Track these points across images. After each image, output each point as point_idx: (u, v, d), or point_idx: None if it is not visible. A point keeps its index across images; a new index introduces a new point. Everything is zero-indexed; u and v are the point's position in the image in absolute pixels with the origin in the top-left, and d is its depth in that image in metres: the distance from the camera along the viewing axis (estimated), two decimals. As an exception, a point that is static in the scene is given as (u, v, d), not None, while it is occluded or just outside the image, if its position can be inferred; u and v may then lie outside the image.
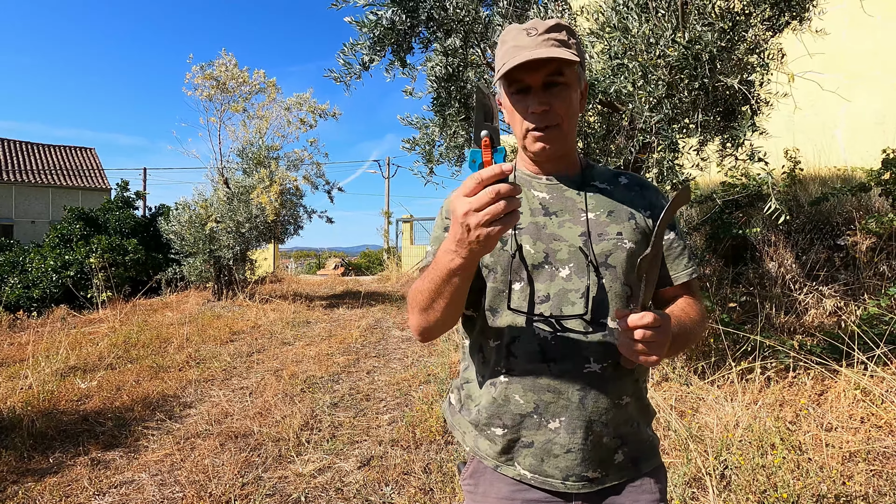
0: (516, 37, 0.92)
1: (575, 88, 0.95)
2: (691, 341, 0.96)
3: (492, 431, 0.99)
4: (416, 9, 3.03)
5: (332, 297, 10.22)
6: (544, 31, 0.91)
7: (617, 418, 0.94)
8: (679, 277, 1.01)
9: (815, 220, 4.98)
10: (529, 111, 0.92)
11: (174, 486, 2.69)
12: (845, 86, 6.05)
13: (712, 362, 3.52)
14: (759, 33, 2.98)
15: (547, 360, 0.92)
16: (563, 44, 0.91)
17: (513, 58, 0.90)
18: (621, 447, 0.96)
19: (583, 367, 0.92)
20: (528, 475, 0.96)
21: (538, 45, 0.90)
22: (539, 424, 0.94)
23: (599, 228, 0.96)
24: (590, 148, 3.72)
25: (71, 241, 10.51)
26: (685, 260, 1.01)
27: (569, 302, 0.93)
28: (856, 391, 2.86)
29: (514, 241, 0.97)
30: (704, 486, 2.26)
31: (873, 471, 2.32)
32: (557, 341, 0.92)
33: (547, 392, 0.93)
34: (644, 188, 1.04)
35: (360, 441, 3.23)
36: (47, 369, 4.71)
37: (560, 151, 0.98)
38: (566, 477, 0.94)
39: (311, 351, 5.63)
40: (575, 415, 0.92)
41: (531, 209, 1.00)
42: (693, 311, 0.98)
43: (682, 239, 1.03)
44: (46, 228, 16.31)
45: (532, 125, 0.93)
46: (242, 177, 9.37)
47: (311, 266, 20.77)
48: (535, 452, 0.95)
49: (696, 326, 0.96)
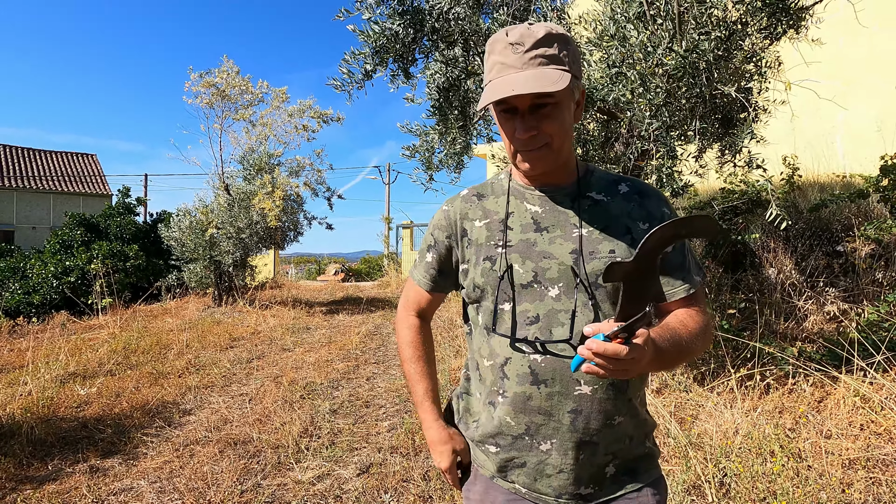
0: (503, 51, 0.87)
1: (567, 104, 0.90)
2: (687, 355, 0.89)
3: (486, 448, 1.00)
4: (421, 21, 3.06)
5: (332, 303, 10.22)
6: (532, 45, 0.85)
7: (609, 437, 0.93)
8: (675, 294, 0.93)
9: (814, 226, 4.99)
10: (516, 136, 0.89)
11: (173, 494, 2.68)
12: (843, 93, 6.08)
13: (712, 369, 3.52)
14: (756, 42, 3.00)
15: (537, 382, 0.91)
16: (553, 59, 0.86)
17: (499, 76, 0.87)
18: (614, 462, 0.95)
19: (573, 390, 0.90)
20: (522, 490, 0.97)
21: (525, 64, 0.85)
22: (531, 446, 0.94)
23: (591, 246, 0.92)
24: (589, 155, 3.75)
25: (72, 246, 10.53)
26: (683, 274, 0.94)
27: (558, 323, 0.91)
28: (855, 398, 2.86)
29: (503, 261, 0.94)
30: (704, 494, 2.26)
31: (873, 478, 2.32)
32: (547, 364, 0.91)
33: (538, 414, 0.92)
34: (644, 197, 0.97)
35: (360, 448, 3.22)
36: (47, 375, 4.71)
37: (551, 167, 0.95)
38: (559, 495, 0.94)
39: (310, 357, 5.62)
40: (566, 436, 0.91)
41: (522, 225, 0.97)
42: (693, 322, 0.90)
43: (683, 253, 0.95)
44: (47, 234, 16.34)
45: (520, 147, 0.91)
46: (243, 183, 9.40)
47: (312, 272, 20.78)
48: (528, 472, 0.95)
49: (695, 340, 0.89)
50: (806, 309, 4.36)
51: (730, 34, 2.79)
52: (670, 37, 2.85)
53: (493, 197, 1.03)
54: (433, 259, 1.08)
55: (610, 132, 3.69)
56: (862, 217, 4.82)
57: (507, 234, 0.97)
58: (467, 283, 1.01)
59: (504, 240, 0.96)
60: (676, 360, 0.87)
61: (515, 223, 0.98)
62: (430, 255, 1.08)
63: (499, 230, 0.98)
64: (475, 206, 1.03)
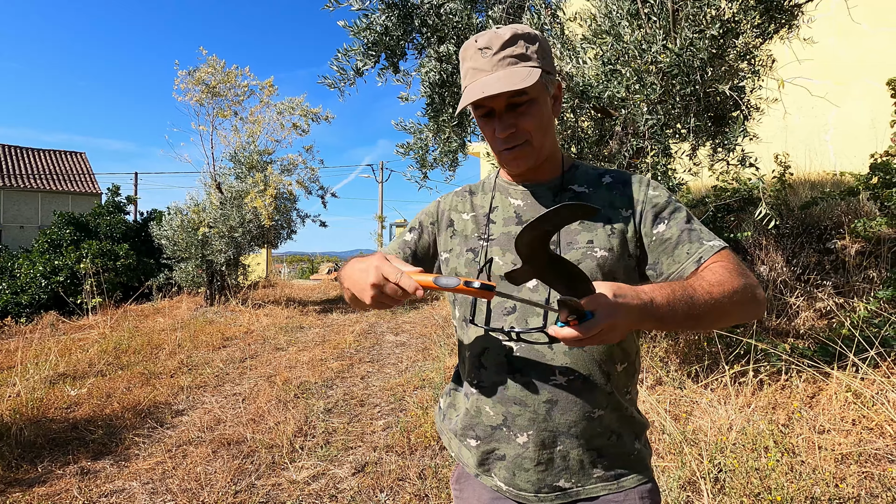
0: (473, 56, 0.90)
1: (543, 99, 0.92)
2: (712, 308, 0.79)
3: (468, 442, 1.00)
4: (409, 15, 3.04)
5: (326, 302, 10.17)
6: (499, 48, 0.87)
7: (589, 431, 0.91)
8: (686, 269, 0.87)
9: (805, 223, 5.03)
10: (496, 135, 0.92)
11: (165, 495, 2.65)
12: (834, 92, 6.14)
13: (706, 366, 3.54)
14: (750, 40, 3.02)
15: (513, 371, 0.92)
16: (521, 58, 0.88)
17: (472, 81, 0.90)
18: (599, 459, 0.93)
19: (548, 380, 0.91)
20: (503, 487, 0.96)
21: (494, 66, 0.88)
22: (509, 438, 0.94)
23: (569, 237, 0.94)
24: (583, 153, 3.75)
25: (60, 246, 10.40)
26: (687, 246, 0.89)
27: (535, 313, 0.92)
28: (847, 393, 2.89)
29: (484, 254, 0.97)
30: (699, 490, 2.27)
31: (865, 473, 2.34)
32: (523, 353, 0.92)
33: (514, 404, 0.93)
34: (626, 185, 0.97)
35: (355, 447, 3.21)
36: (36, 376, 4.64)
37: (535, 163, 0.97)
38: (538, 490, 0.93)
39: (304, 356, 5.59)
40: (542, 427, 0.91)
41: (504, 218, 1.00)
42: (713, 276, 0.82)
43: (682, 226, 0.91)
44: (36, 234, 16.13)
45: (500, 147, 0.93)
46: (235, 182, 9.33)
47: (305, 271, 20.69)
48: (507, 465, 0.95)
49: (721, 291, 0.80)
50: (798, 306, 4.40)
51: (723, 32, 2.80)
52: (664, 34, 2.85)
53: (481, 193, 1.08)
54: (412, 239, 1.11)
55: (604, 130, 3.69)
56: (852, 214, 4.87)
57: (490, 228, 1.00)
58: (448, 272, 1.04)
59: (487, 233, 1.00)
60: (696, 314, 0.78)
61: (498, 217, 1.01)
62: (409, 235, 1.12)
63: (483, 224, 1.02)
64: (465, 201, 1.08)
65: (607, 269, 0.91)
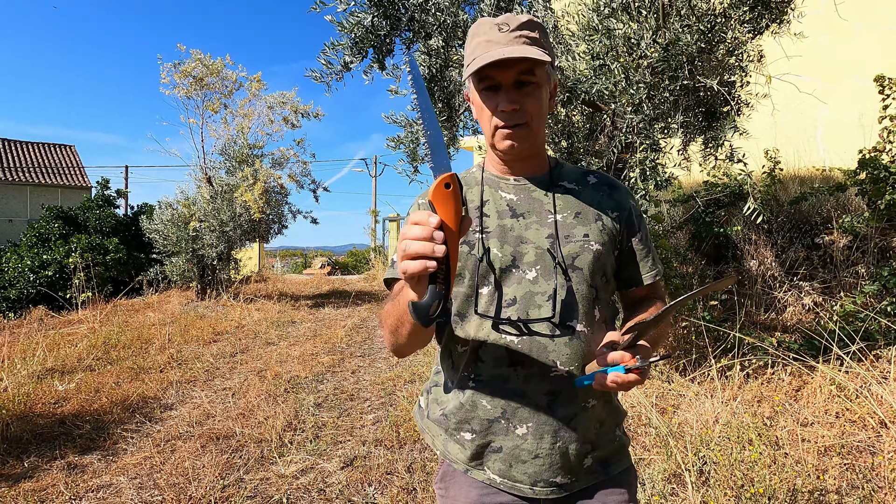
0: (488, 31, 0.90)
1: (545, 88, 0.94)
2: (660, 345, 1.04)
3: (461, 436, 0.99)
4: (396, 14, 3.02)
5: (318, 297, 10.15)
6: (517, 27, 0.89)
7: (584, 422, 0.94)
8: (646, 279, 1.03)
9: (794, 218, 5.07)
10: (499, 109, 0.91)
11: (153, 490, 2.65)
12: (823, 89, 6.18)
13: (693, 359, 3.57)
14: (739, 35, 3.02)
15: (514, 363, 0.92)
16: (536, 42, 0.90)
17: (485, 52, 0.88)
18: (591, 452, 0.96)
19: (549, 371, 0.92)
20: (497, 479, 0.96)
21: (510, 41, 0.88)
22: (507, 430, 0.94)
23: (566, 230, 0.96)
24: (574, 147, 3.74)
25: (49, 240, 10.29)
26: (650, 262, 1.04)
27: (535, 305, 0.92)
28: (831, 387, 2.92)
29: (481, 245, 0.96)
30: (684, 482, 2.29)
31: (847, 464, 2.37)
32: (524, 345, 0.92)
33: (514, 396, 0.93)
34: (613, 189, 1.03)
35: (344, 441, 3.21)
36: (23, 371, 4.60)
37: (529, 150, 0.97)
38: (534, 483, 0.94)
39: (295, 351, 5.58)
40: (542, 419, 0.92)
41: (498, 211, 0.99)
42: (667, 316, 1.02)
43: (647, 243, 1.04)
44: (24, 227, 15.93)
45: (501, 123, 0.92)
46: (226, 175, 9.25)
47: (297, 265, 20.59)
48: (503, 458, 0.95)
49: (665, 328, 1.02)
50: (785, 300, 4.44)
51: (712, 27, 2.80)
52: (654, 30, 2.85)
53: (466, 188, 1.05)
54: None
55: (594, 124, 3.69)
56: (840, 210, 4.92)
57: (484, 221, 0.99)
58: None
59: (481, 225, 0.99)
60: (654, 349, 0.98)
61: (491, 210, 1.00)
62: None
63: (476, 217, 1.00)
64: None
65: (601, 263, 0.96)
